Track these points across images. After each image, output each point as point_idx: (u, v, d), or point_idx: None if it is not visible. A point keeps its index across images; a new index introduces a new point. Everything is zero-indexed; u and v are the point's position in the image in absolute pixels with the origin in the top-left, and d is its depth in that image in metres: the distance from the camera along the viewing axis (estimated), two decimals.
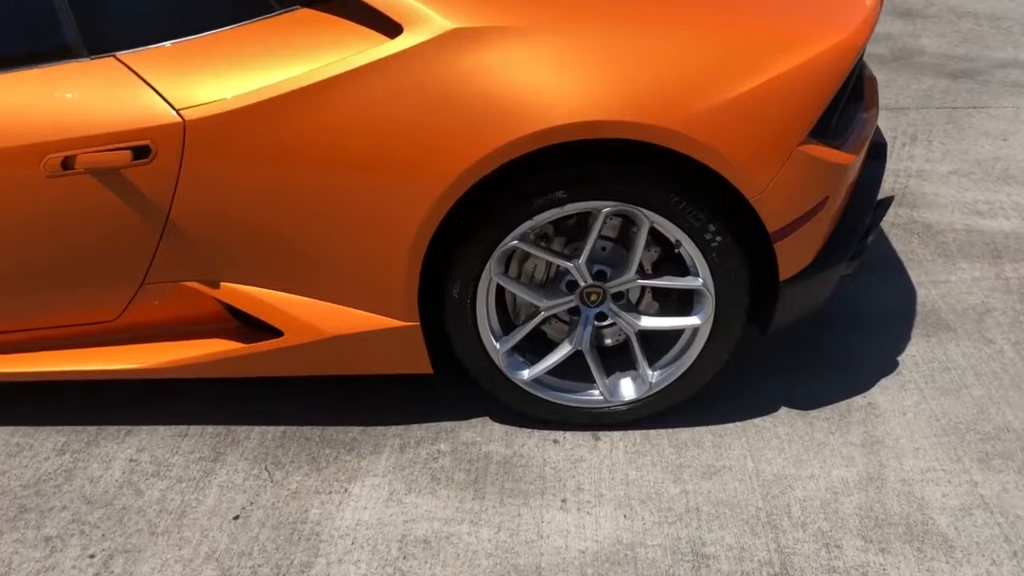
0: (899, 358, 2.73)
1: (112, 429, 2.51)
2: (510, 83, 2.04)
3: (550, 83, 2.04)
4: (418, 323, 2.29)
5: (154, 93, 2.11)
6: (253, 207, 2.18)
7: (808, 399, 2.56)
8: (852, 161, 2.28)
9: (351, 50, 2.08)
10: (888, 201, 2.58)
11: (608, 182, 2.14)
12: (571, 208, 2.16)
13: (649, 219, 2.18)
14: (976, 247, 3.27)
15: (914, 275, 3.12)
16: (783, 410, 2.53)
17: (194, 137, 2.12)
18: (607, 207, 2.16)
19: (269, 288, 2.30)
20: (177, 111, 2.10)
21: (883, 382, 2.63)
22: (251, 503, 2.26)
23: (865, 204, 2.44)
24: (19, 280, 2.30)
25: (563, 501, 2.25)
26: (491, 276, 2.25)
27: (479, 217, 2.18)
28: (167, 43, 2.16)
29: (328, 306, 2.31)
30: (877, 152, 2.59)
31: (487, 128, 2.04)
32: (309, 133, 2.10)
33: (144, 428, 2.51)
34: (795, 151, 2.12)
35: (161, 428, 2.51)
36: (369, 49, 2.07)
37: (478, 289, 2.27)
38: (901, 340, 2.81)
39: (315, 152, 2.11)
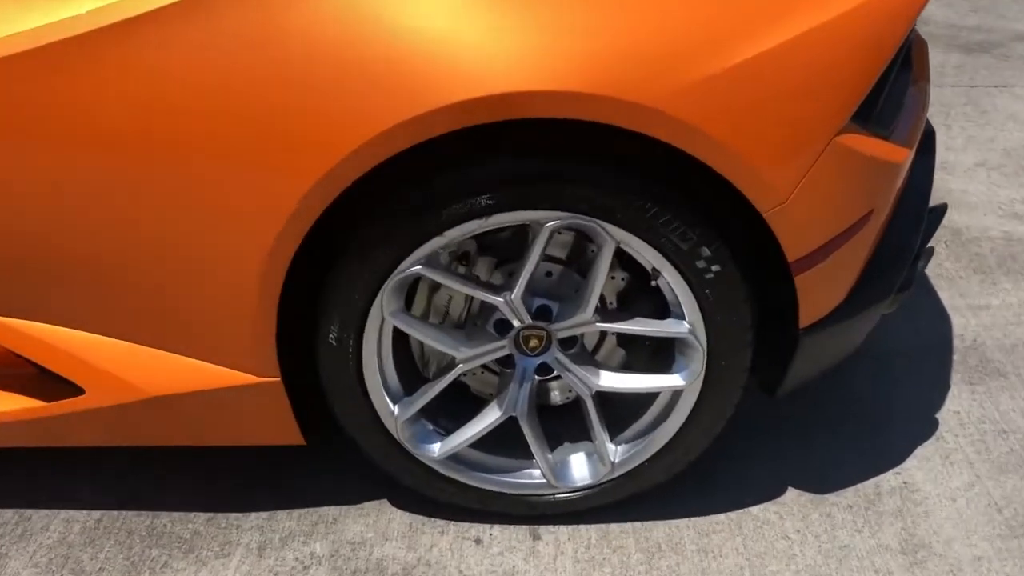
0: (937, 415, 2.07)
1: None
2: (405, 34, 1.32)
3: (467, 35, 1.33)
4: (279, 379, 1.59)
5: None
6: (26, 210, 1.45)
7: (823, 477, 1.89)
8: (906, 158, 1.60)
9: None
10: (941, 210, 1.91)
11: (554, 184, 1.43)
12: (500, 220, 1.46)
13: (615, 238, 1.48)
14: (1020, 261, 2.62)
15: (946, 298, 2.46)
16: (790, 494, 1.86)
17: None
18: (553, 220, 1.46)
19: (63, 326, 1.58)
20: None
21: (920, 451, 1.97)
22: None
23: (914, 215, 1.76)
24: None
25: None
26: (383, 315, 1.54)
27: (363, 232, 1.47)
28: None
29: (148, 353, 1.59)
30: (924, 143, 1.91)
31: (368, 103, 1.32)
32: (102, 102, 1.37)
33: None
34: (831, 143, 1.43)
35: None
36: None
37: (365, 333, 1.56)
38: (938, 389, 2.15)
39: (110, 131, 1.38)
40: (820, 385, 2.11)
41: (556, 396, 1.82)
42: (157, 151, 1.36)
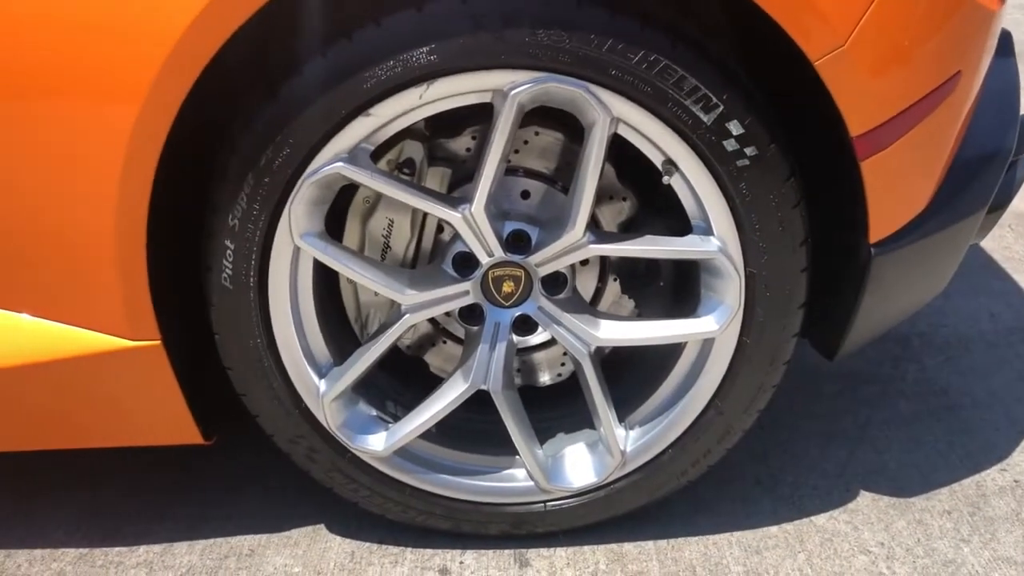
0: None
1: None
2: None
3: None
4: (159, 342, 1.15)
5: None
6: None
7: (904, 479, 1.43)
8: (999, 8, 1.19)
9: None
10: None
11: (518, 27, 1.02)
12: (447, 90, 1.04)
13: (610, 111, 1.06)
14: None
15: (1022, 280, 2.03)
16: (864, 499, 1.39)
17: None
18: (522, 85, 1.04)
19: None
20: None
21: None
22: None
23: (1007, 112, 1.34)
24: None
25: None
26: (294, 240, 1.11)
27: (259, 115, 1.06)
28: None
29: None
30: (1002, 44, 1.50)
31: None
32: None
33: None
34: None
35: None
36: None
37: (271, 267, 1.13)
38: None
39: None
40: (887, 376, 1.66)
41: (544, 374, 1.37)
42: None
